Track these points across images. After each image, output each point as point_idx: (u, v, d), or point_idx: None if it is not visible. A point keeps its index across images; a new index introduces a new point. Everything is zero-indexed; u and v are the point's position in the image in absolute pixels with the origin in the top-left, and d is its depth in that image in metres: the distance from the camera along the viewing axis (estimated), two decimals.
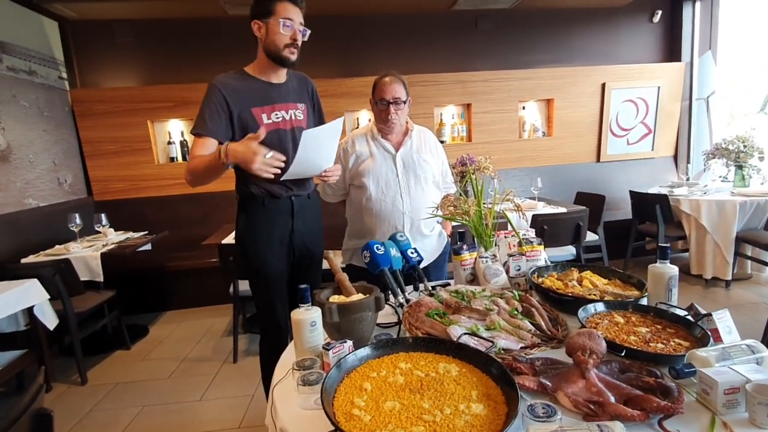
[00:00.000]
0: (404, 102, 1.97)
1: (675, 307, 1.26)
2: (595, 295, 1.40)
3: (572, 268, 1.60)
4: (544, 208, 3.61)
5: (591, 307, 1.27)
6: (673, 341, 1.11)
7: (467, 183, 1.92)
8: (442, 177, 2.12)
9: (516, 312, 1.31)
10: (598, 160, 4.81)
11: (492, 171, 2.40)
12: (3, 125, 3.32)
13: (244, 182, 1.83)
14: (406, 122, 2.07)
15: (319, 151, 1.71)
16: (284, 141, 1.81)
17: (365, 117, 4.52)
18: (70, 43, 4.15)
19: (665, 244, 1.31)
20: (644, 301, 1.35)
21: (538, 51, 4.74)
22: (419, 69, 4.54)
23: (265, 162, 1.57)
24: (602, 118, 4.72)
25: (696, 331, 1.13)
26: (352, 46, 4.50)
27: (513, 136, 4.65)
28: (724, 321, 1.12)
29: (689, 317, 1.19)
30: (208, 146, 1.69)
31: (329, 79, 4.30)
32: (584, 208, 3.51)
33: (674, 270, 1.30)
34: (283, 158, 1.62)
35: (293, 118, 1.84)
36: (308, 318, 1.17)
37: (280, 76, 1.83)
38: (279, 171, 1.62)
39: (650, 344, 1.10)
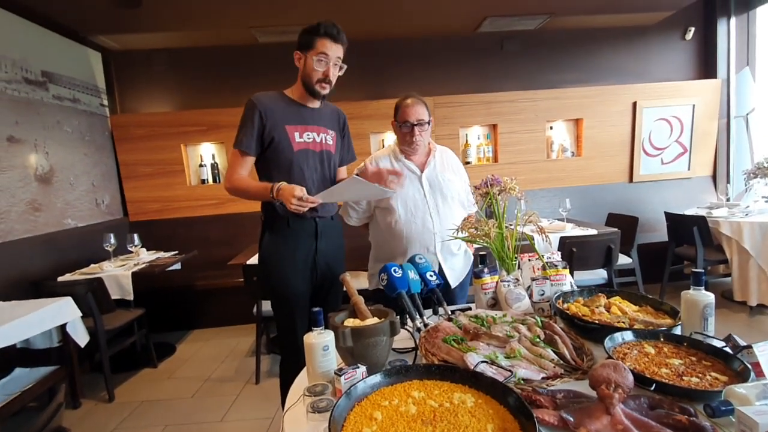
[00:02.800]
0: (427, 123, 1.98)
1: (711, 337, 1.17)
2: (623, 322, 1.34)
3: (599, 294, 1.54)
4: (573, 230, 3.53)
5: (619, 335, 1.22)
6: (710, 375, 1.03)
7: (490, 204, 1.87)
8: (466, 196, 2.11)
9: (538, 339, 1.27)
10: (631, 180, 4.69)
11: (518, 192, 2.37)
12: (47, 149, 3.48)
13: (270, 202, 1.86)
14: (429, 143, 2.08)
15: (356, 194, 1.85)
16: (312, 161, 1.86)
17: (390, 138, 4.54)
18: (111, 71, 4.35)
19: (699, 270, 1.23)
20: (677, 331, 1.29)
21: (565, 71, 4.69)
22: (444, 90, 4.55)
23: (299, 204, 1.64)
24: (634, 138, 4.61)
25: (735, 364, 1.05)
26: (377, 69, 4.56)
27: (540, 156, 4.60)
28: (766, 354, 1.03)
29: (727, 349, 1.11)
30: (246, 162, 1.81)
31: (354, 101, 4.35)
32: (615, 229, 3.40)
33: (710, 297, 1.22)
34: (318, 202, 1.68)
35: (323, 141, 1.90)
36: (320, 342, 1.15)
37: (314, 103, 1.90)
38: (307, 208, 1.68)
39: (683, 378, 1.03)
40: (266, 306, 3.16)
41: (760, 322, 3.60)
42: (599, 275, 3.44)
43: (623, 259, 3.74)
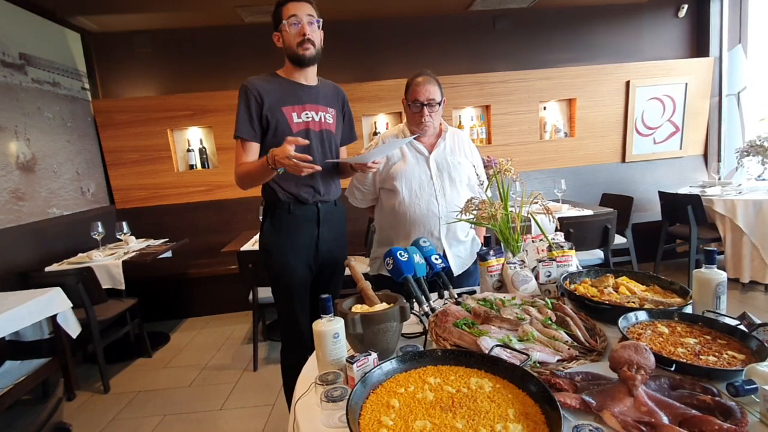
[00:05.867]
0: (439, 104, 1.92)
1: (725, 315, 1.17)
2: (634, 302, 1.33)
3: (607, 274, 1.54)
4: (569, 211, 3.54)
5: (632, 315, 1.20)
6: (726, 354, 1.02)
7: (490, 186, 1.88)
8: (476, 180, 2.05)
9: (550, 321, 1.24)
10: (624, 160, 4.72)
11: (513, 173, 2.36)
12: (28, 137, 3.36)
13: (271, 187, 1.83)
14: (440, 124, 2.04)
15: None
16: (313, 141, 1.81)
17: (382, 121, 4.51)
18: (92, 54, 4.21)
19: (712, 248, 1.22)
20: (689, 310, 1.27)
21: (558, 50, 4.66)
22: (436, 71, 4.34)
23: (292, 164, 1.56)
24: (627, 117, 4.63)
25: (752, 342, 1.04)
26: (367, 50, 4.48)
27: (534, 137, 4.59)
28: None
29: (742, 327, 1.10)
30: (249, 150, 1.77)
31: (344, 84, 4.23)
32: (612, 210, 3.42)
33: (722, 276, 1.21)
34: (309, 159, 1.60)
35: (323, 120, 1.86)
36: (331, 329, 1.12)
37: (310, 79, 1.85)
38: (310, 168, 1.60)
39: (701, 357, 1.02)
40: (262, 293, 3.14)
41: (753, 298, 3.66)
42: (596, 255, 3.47)
43: (618, 239, 3.77)
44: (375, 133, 4.48)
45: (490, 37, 4.58)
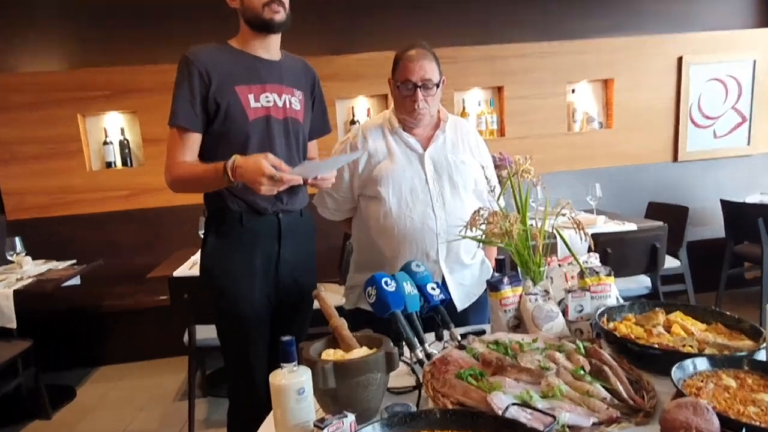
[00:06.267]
0: (436, 85, 1.93)
1: None
2: (691, 346, 1.35)
3: (656, 309, 1.55)
4: (606, 225, 3.56)
5: (689, 364, 1.21)
6: None
7: (504, 192, 1.91)
8: (485, 184, 2.07)
9: (582, 372, 1.24)
10: (676, 159, 4.76)
11: (534, 175, 2.36)
12: None
13: (216, 192, 1.83)
14: (438, 111, 2.05)
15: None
16: (273, 132, 1.82)
17: (362, 106, 4.52)
18: None
19: None
20: (762, 356, 1.29)
21: (592, 16, 4.70)
22: (433, 42, 4.33)
23: (273, 185, 1.60)
24: (679, 104, 4.68)
25: None
26: (343, 13, 4.49)
27: (560, 128, 4.63)
28: None
29: None
30: (189, 141, 1.77)
31: (314, 56, 4.20)
32: (661, 223, 3.44)
33: None
34: (299, 180, 1.66)
35: (287, 105, 1.87)
36: (294, 383, 1.11)
37: (272, 51, 1.87)
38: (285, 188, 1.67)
39: None
40: (202, 332, 3.11)
41: None
42: (641, 283, 3.47)
43: (669, 262, 3.78)
44: (353, 122, 4.47)
45: None
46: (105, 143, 4.31)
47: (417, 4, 4.55)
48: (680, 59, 4.63)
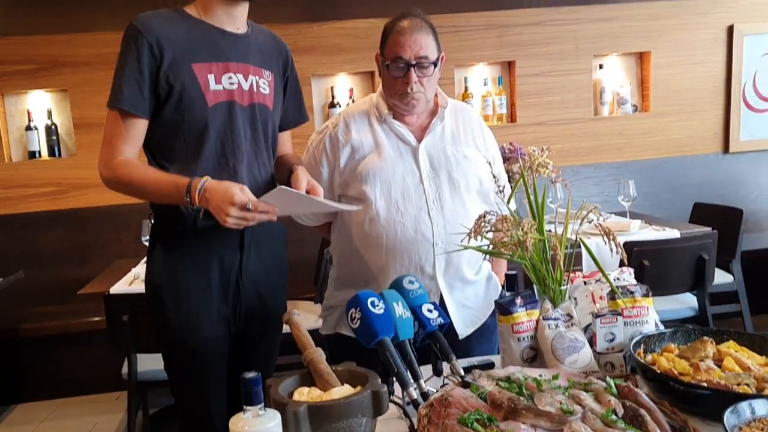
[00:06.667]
0: (434, 63, 1.94)
1: None
2: (747, 384, 1.31)
3: (704, 338, 1.51)
4: (642, 232, 3.53)
5: (745, 406, 1.17)
6: None
7: (515, 192, 1.98)
8: (492, 183, 2.06)
9: (614, 417, 1.21)
10: (727, 150, 4.74)
11: (552, 170, 2.35)
12: None
13: None
14: (435, 95, 2.06)
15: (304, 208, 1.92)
16: (237, 121, 1.84)
17: (344, 86, 4.53)
18: None
19: None
20: None
21: None
22: (429, 7, 4.39)
23: (243, 216, 1.61)
24: (730, 83, 4.67)
25: None
26: None
27: (584, 112, 4.62)
28: None
29: None
30: (133, 128, 1.77)
31: (285, 24, 4.31)
32: (709, 230, 3.41)
33: None
34: (275, 211, 1.66)
35: (254, 88, 1.89)
36: (260, 431, 1.09)
37: (237, 22, 1.88)
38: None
39: None
40: (145, 362, 3.08)
41: None
42: (685, 303, 3.46)
43: (720, 276, 3.75)
44: (332, 106, 4.48)
45: None
46: (28, 128, 4.30)
47: None
48: (731, 28, 4.63)
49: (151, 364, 3.03)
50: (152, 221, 1.93)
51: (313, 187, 1.80)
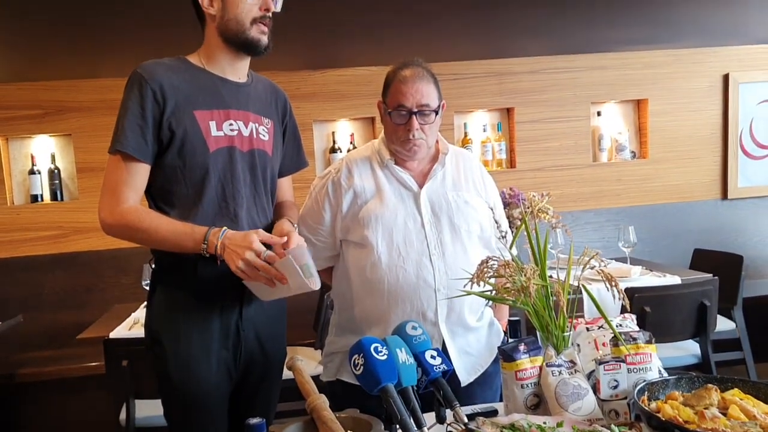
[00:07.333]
0: (435, 111, 1.96)
1: None
2: None
3: (708, 385, 1.49)
4: (643, 278, 3.51)
5: None
6: None
7: (517, 238, 1.98)
8: (493, 228, 2.05)
9: None
10: (725, 196, 4.76)
11: (552, 216, 2.35)
12: None
13: None
14: (436, 141, 2.08)
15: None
16: (237, 166, 1.85)
17: (344, 131, 4.55)
18: None
19: None
20: None
21: (621, 25, 4.66)
22: (430, 55, 4.35)
23: (254, 263, 1.63)
24: (727, 130, 4.71)
25: None
26: (324, 22, 4.43)
27: (583, 158, 4.65)
28: None
29: None
30: (135, 173, 1.78)
31: (289, 72, 4.36)
32: (710, 276, 3.39)
33: None
34: (282, 277, 1.66)
35: (254, 135, 1.90)
36: None
37: (240, 73, 1.92)
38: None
39: None
40: (143, 409, 3.05)
41: None
42: (688, 350, 3.44)
43: (722, 323, 3.73)
44: (333, 151, 4.50)
45: (513, 5, 4.57)
46: (31, 172, 4.30)
47: (409, 9, 4.53)
48: (726, 77, 4.68)
49: (149, 410, 3.00)
50: (153, 266, 1.93)
51: (289, 235, 1.79)
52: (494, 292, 1.68)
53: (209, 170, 1.80)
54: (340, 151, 4.44)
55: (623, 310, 1.77)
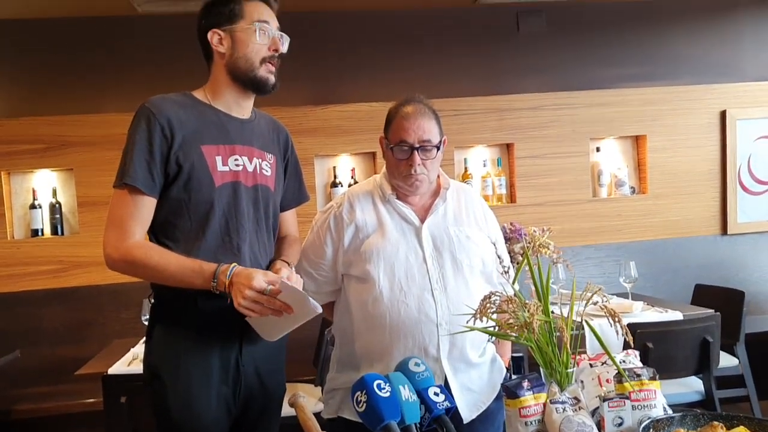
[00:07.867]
0: (436, 147, 1.97)
1: None
2: None
3: (714, 422, 1.46)
4: (644, 313, 3.50)
5: None
6: None
7: (519, 273, 2.03)
8: (495, 263, 2.04)
9: None
10: (725, 231, 4.75)
11: (553, 251, 2.35)
12: None
13: None
14: (437, 176, 2.08)
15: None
16: (241, 201, 1.86)
17: (346, 166, 4.56)
18: None
19: None
20: None
21: (620, 62, 4.79)
22: (432, 91, 4.33)
23: (257, 299, 1.63)
24: (725, 165, 4.72)
25: None
26: (326, 60, 4.56)
27: (583, 193, 4.66)
28: None
29: None
30: (141, 207, 1.78)
31: (292, 107, 4.36)
32: (712, 311, 3.37)
33: None
34: (288, 309, 1.67)
35: (258, 170, 1.92)
36: None
37: (245, 110, 1.94)
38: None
39: None
40: None
41: None
42: (691, 387, 3.41)
43: (725, 359, 3.70)
44: (334, 185, 4.51)
45: (513, 42, 4.68)
46: (32, 207, 4.30)
47: (412, 51, 4.61)
48: (723, 113, 4.69)
49: None
50: (152, 301, 1.92)
51: (281, 272, 1.81)
52: (497, 327, 1.67)
53: (214, 204, 1.81)
54: (341, 186, 4.44)
55: (626, 346, 1.71)
